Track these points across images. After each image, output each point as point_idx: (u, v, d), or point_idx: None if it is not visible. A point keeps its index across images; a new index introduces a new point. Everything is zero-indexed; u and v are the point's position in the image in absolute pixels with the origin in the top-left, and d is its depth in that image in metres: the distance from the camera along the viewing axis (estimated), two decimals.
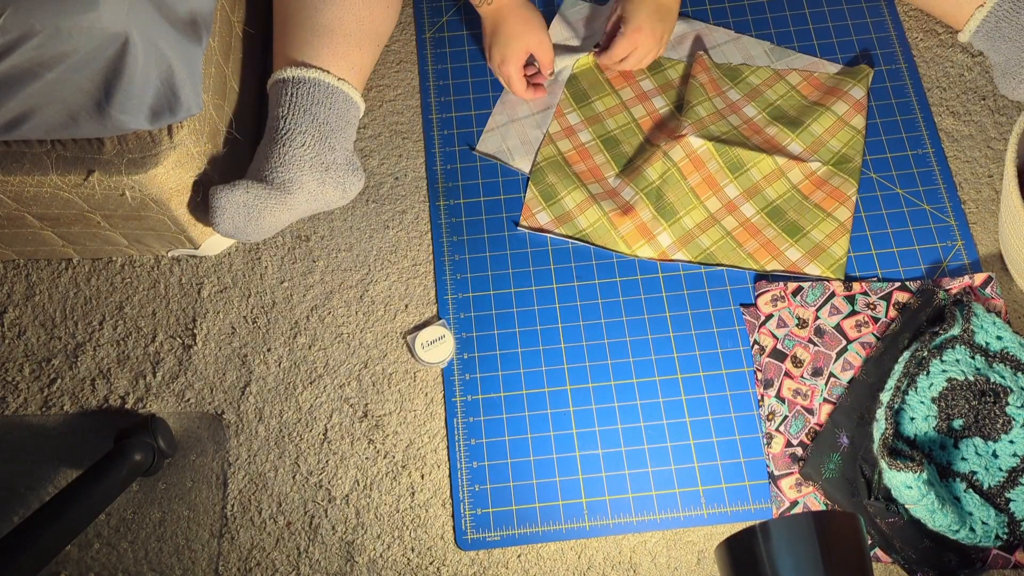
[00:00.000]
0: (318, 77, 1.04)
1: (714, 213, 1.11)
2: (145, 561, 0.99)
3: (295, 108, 1.03)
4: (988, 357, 0.98)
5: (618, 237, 1.10)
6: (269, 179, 1.01)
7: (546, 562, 0.98)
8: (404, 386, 1.06)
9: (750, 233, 1.10)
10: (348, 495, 1.01)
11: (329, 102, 1.05)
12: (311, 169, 1.02)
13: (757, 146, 1.13)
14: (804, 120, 1.15)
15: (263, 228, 1.02)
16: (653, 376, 1.05)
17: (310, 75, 1.04)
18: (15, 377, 1.07)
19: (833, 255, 1.08)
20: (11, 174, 0.94)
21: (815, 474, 0.98)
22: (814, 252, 1.08)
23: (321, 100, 1.05)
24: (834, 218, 1.10)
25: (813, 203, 1.11)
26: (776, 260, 1.08)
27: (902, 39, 1.22)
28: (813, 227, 1.10)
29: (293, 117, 1.03)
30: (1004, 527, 0.92)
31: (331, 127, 1.05)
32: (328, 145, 1.04)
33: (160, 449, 0.99)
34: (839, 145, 1.14)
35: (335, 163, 1.04)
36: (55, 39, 0.81)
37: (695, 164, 1.11)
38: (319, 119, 1.04)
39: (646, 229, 1.10)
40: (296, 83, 1.04)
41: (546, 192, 1.13)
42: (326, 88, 1.05)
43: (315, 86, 1.04)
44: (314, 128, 1.03)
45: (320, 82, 1.04)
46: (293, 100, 1.04)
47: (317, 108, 1.04)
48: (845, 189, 1.11)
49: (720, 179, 1.11)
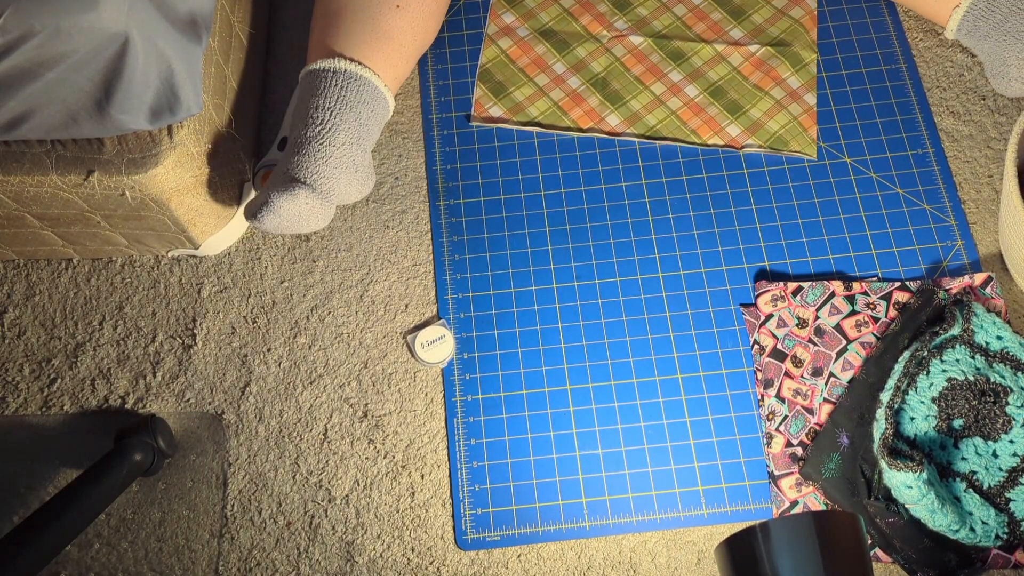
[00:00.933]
0: (370, 77, 1.04)
1: (659, 95, 1.19)
2: (145, 561, 0.99)
3: (342, 103, 1.02)
4: (988, 357, 0.98)
5: (568, 121, 1.18)
6: (316, 184, 0.99)
7: (546, 562, 0.98)
8: (404, 386, 1.06)
9: (693, 111, 1.18)
10: (348, 495, 1.01)
11: (374, 105, 1.04)
12: (347, 170, 1.01)
13: (699, 35, 1.22)
14: (747, 10, 1.24)
15: (298, 229, 1.01)
16: (653, 376, 1.05)
17: (363, 73, 1.03)
18: (15, 377, 1.07)
19: (769, 130, 1.17)
20: (11, 174, 0.94)
21: (815, 474, 0.98)
22: (752, 128, 1.17)
23: (367, 100, 1.04)
24: (771, 96, 1.18)
25: (752, 84, 1.19)
26: (718, 136, 1.17)
27: (902, 39, 1.22)
28: (752, 106, 1.18)
29: (339, 112, 1.01)
30: (1004, 527, 0.92)
31: (369, 130, 1.04)
32: (362, 147, 1.03)
33: (160, 449, 0.99)
34: (777, 32, 1.22)
35: (363, 165, 1.04)
36: (55, 39, 0.81)
37: (637, 58, 1.21)
38: (361, 119, 1.03)
39: (595, 114, 1.19)
40: (348, 77, 1.03)
41: (495, 88, 1.20)
42: (374, 91, 1.04)
43: (364, 85, 1.03)
44: (355, 128, 1.02)
45: (369, 83, 1.04)
46: (342, 95, 1.02)
47: (361, 107, 1.03)
48: (781, 71, 1.19)
49: (663, 67, 1.20)
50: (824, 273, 1.09)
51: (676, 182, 1.15)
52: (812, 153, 1.15)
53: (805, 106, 1.18)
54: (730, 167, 1.15)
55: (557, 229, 1.13)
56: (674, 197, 1.14)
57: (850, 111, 1.18)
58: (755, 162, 1.15)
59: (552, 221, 1.13)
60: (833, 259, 1.10)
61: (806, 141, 1.16)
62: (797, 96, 1.18)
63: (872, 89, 1.19)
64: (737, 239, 1.11)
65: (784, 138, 1.16)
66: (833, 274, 1.09)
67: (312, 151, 0.99)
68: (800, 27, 1.22)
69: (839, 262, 1.10)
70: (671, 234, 1.12)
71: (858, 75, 1.20)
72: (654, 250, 1.11)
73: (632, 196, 1.14)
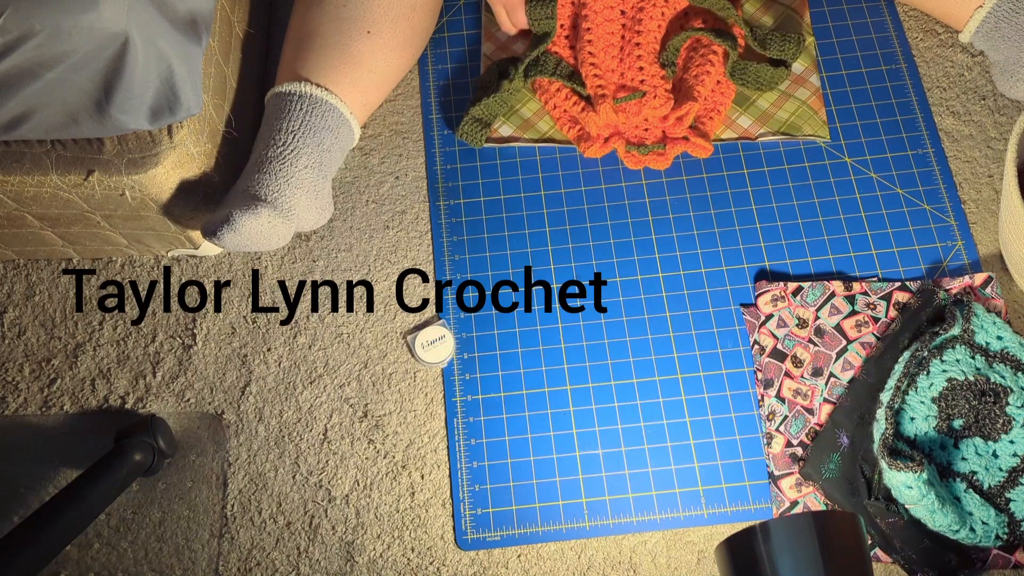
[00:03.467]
0: (335, 103, 1.04)
1: None
2: (145, 561, 0.99)
3: (305, 127, 1.02)
4: (988, 357, 0.98)
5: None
6: (276, 202, 0.98)
7: (546, 562, 0.98)
8: (404, 386, 1.06)
9: None
10: (348, 495, 1.01)
11: (337, 131, 1.05)
12: (307, 194, 1.01)
13: None
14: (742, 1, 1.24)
15: (258, 246, 1.01)
16: (653, 376, 1.05)
17: (329, 99, 1.03)
18: (15, 377, 1.07)
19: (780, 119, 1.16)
20: (11, 174, 0.94)
21: (815, 474, 0.98)
22: (763, 118, 1.16)
23: (331, 127, 1.04)
24: None
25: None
26: (730, 129, 1.16)
27: (902, 39, 1.22)
28: (759, 95, 1.18)
29: (303, 136, 1.01)
30: (1004, 527, 0.92)
31: (331, 156, 1.04)
32: (323, 172, 1.03)
33: (160, 449, 0.99)
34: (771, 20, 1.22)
35: (323, 192, 1.04)
36: (55, 39, 0.81)
37: None
38: (324, 145, 1.03)
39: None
40: (313, 102, 1.03)
41: None
42: (338, 117, 1.04)
43: (329, 111, 1.03)
44: (318, 153, 1.02)
45: (335, 109, 1.04)
46: (306, 119, 1.02)
47: (325, 133, 1.03)
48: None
49: None
50: (824, 273, 1.09)
51: (676, 182, 1.15)
52: (825, 135, 1.15)
53: (812, 88, 1.18)
54: (730, 167, 1.15)
55: (557, 229, 1.13)
56: (674, 197, 1.14)
57: (850, 111, 1.18)
58: (755, 162, 1.15)
59: (552, 221, 1.13)
60: (833, 259, 1.10)
61: (818, 123, 1.16)
62: (802, 80, 1.18)
63: (872, 89, 1.19)
64: (737, 239, 1.11)
65: (796, 123, 1.16)
66: (833, 274, 1.09)
67: (274, 170, 0.99)
68: (793, 12, 1.22)
69: (839, 262, 1.10)
70: (671, 234, 1.12)
71: (858, 75, 1.20)
72: (654, 250, 1.11)
73: (632, 196, 1.14)
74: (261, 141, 1.03)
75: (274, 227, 0.98)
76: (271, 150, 1.00)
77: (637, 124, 1.15)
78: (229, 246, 0.98)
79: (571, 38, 1.19)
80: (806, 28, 1.22)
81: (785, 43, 1.17)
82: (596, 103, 1.12)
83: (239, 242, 0.97)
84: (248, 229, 0.96)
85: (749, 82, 1.16)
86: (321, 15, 1.07)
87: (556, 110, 1.17)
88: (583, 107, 1.14)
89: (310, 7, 1.09)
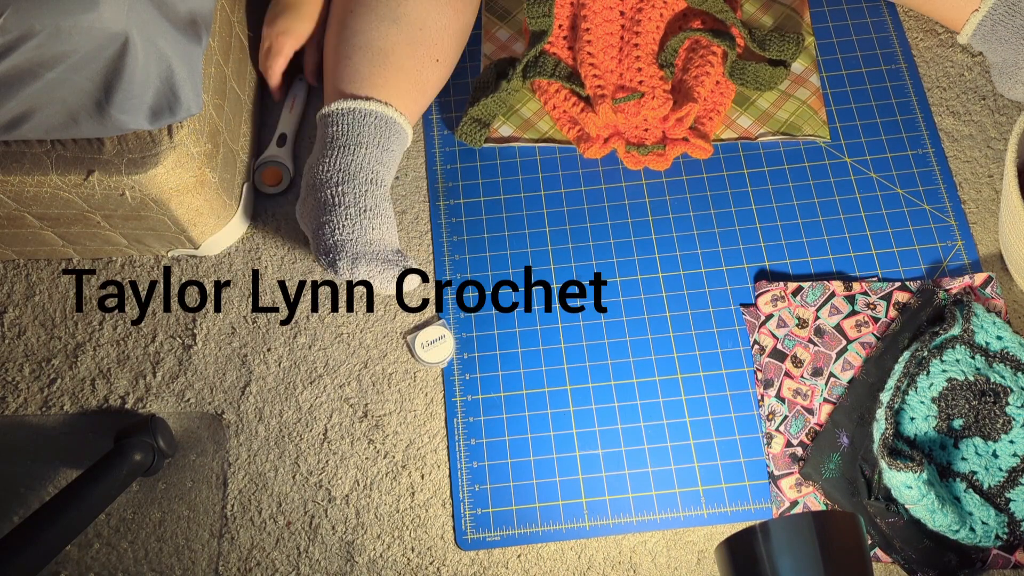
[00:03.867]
0: (408, 135, 1.07)
1: None
2: (145, 561, 0.99)
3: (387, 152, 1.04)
4: (988, 357, 0.98)
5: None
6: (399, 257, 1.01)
7: (546, 562, 0.98)
8: (404, 386, 1.06)
9: None
10: (348, 495, 1.01)
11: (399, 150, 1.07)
12: None
13: None
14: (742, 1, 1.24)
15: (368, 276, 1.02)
16: (653, 376, 1.05)
17: (407, 131, 1.06)
18: (15, 377, 1.07)
19: (780, 119, 1.16)
20: (11, 174, 0.94)
21: (815, 474, 0.98)
22: (763, 119, 1.16)
23: (397, 148, 1.06)
24: None
25: None
26: (730, 129, 1.17)
27: (902, 39, 1.22)
28: (759, 95, 1.18)
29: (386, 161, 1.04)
30: (1004, 527, 0.92)
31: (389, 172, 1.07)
32: None
33: (160, 449, 0.99)
34: (771, 20, 1.23)
35: None
36: (55, 39, 0.81)
37: None
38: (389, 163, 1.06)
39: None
40: (402, 139, 1.06)
41: None
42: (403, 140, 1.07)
43: (401, 135, 1.06)
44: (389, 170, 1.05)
45: (405, 140, 1.07)
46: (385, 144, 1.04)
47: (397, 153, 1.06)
48: None
49: None
50: (824, 273, 1.09)
51: (676, 182, 1.15)
52: (825, 135, 1.15)
53: (812, 88, 1.18)
54: (730, 167, 1.15)
55: (557, 229, 1.13)
56: (674, 197, 1.14)
57: (850, 111, 1.18)
58: (755, 162, 1.15)
59: (552, 221, 1.13)
60: (833, 259, 1.10)
61: (818, 123, 1.16)
62: (802, 80, 1.18)
63: (872, 89, 1.19)
64: (737, 239, 1.12)
65: (796, 123, 1.16)
66: (833, 274, 1.09)
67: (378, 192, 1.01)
68: (793, 12, 1.22)
69: (839, 262, 1.10)
70: (671, 234, 1.12)
71: (858, 75, 1.20)
72: (654, 250, 1.11)
73: (632, 196, 1.14)
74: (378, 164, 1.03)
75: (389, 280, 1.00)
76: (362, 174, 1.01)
77: (637, 125, 1.15)
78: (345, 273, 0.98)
79: (570, 39, 1.19)
80: (806, 28, 1.22)
81: (784, 43, 1.17)
82: (595, 104, 1.12)
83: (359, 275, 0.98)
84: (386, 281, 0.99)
85: (748, 82, 1.16)
86: (397, 34, 1.05)
87: (555, 110, 1.17)
88: (582, 108, 1.14)
89: (383, 21, 1.05)
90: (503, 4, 1.26)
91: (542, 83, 1.17)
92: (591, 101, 1.14)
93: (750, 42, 1.16)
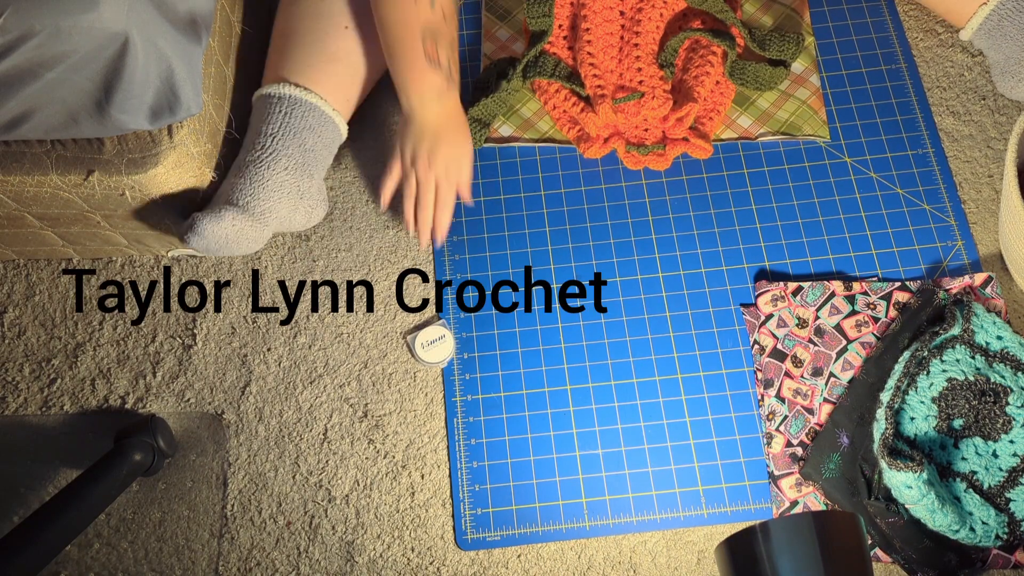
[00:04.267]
0: (315, 102, 1.03)
1: None
2: (145, 561, 0.99)
3: (285, 129, 1.02)
4: (988, 357, 0.98)
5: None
6: (248, 207, 0.99)
7: (546, 562, 0.98)
8: (404, 386, 1.06)
9: None
10: (348, 495, 1.01)
11: (320, 130, 1.05)
12: (288, 196, 1.02)
13: None
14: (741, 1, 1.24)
15: (232, 250, 1.01)
16: (653, 376, 1.05)
17: (308, 98, 1.03)
18: (15, 377, 1.07)
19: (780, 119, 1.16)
20: (11, 174, 0.94)
21: (815, 474, 0.98)
22: (763, 119, 1.16)
23: (313, 126, 1.04)
24: None
25: None
26: (730, 128, 1.16)
27: (902, 39, 1.22)
28: (759, 95, 1.18)
29: (282, 138, 1.02)
30: (1004, 527, 0.92)
31: (315, 155, 1.04)
32: (307, 172, 1.03)
33: (160, 449, 0.99)
34: (771, 20, 1.22)
35: (309, 191, 1.04)
36: (55, 39, 0.81)
37: None
38: (306, 145, 1.03)
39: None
40: (292, 103, 1.03)
41: None
42: (320, 115, 1.04)
43: (310, 111, 1.03)
44: (299, 153, 1.02)
45: (316, 108, 1.04)
46: (285, 120, 1.02)
47: (307, 133, 1.03)
48: None
49: None
50: (824, 273, 1.09)
51: (676, 182, 1.15)
52: (825, 135, 1.15)
53: (812, 88, 1.18)
54: (730, 167, 1.15)
55: (557, 229, 1.13)
56: (674, 197, 1.14)
57: (850, 111, 1.18)
58: (755, 162, 1.15)
59: (552, 221, 1.13)
60: (833, 259, 1.10)
61: (818, 123, 1.16)
62: (802, 80, 1.18)
63: (872, 89, 1.19)
64: (737, 239, 1.12)
65: (796, 123, 1.16)
66: (833, 274, 1.09)
67: (249, 174, 1.00)
68: (793, 12, 1.22)
69: (839, 262, 1.10)
70: (671, 234, 1.12)
71: (858, 75, 1.20)
72: (654, 250, 1.11)
73: (632, 196, 1.14)
74: (244, 145, 1.03)
75: (242, 231, 0.98)
76: (250, 154, 1.01)
77: (637, 124, 1.15)
78: (200, 250, 0.99)
79: (570, 39, 1.19)
80: (806, 28, 1.22)
81: (784, 43, 1.17)
82: (595, 103, 1.12)
83: (206, 246, 0.98)
84: (212, 233, 0.97)
85: (748, 82, 1.16)
86: (299, 12, 1.07)
87: (556, 111, 1.17)
88: (582, 108, 1.14)
89: (289, 5, 1.09)
90: (503, 4, 1.26)
91: (542, 83, 1.17)
92: (591, 101, 1.14)
93: (750, 42, 1.16)
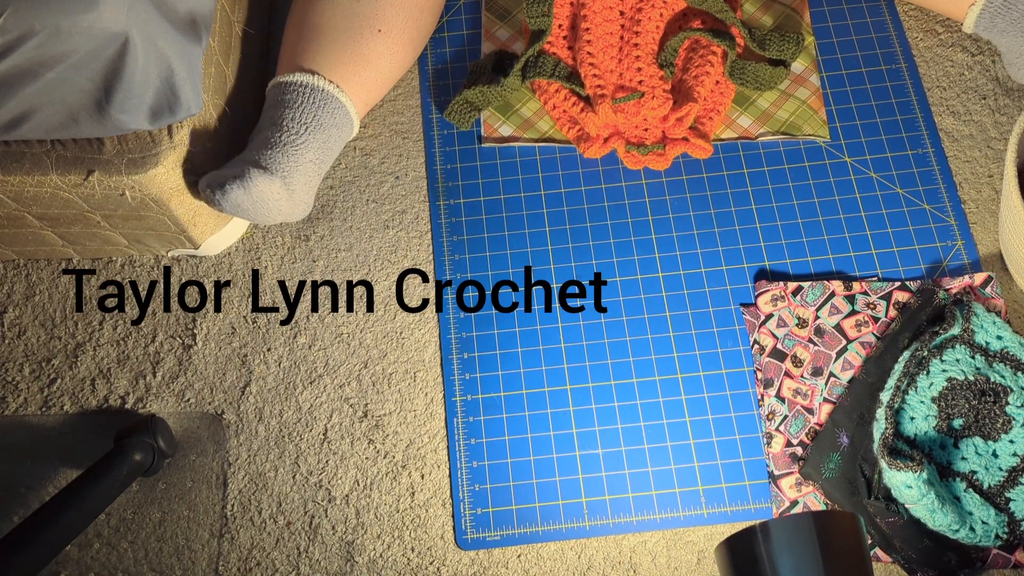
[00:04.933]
0: (345, 104, 1.05)
1: None
2: (145, 561, 0.99)
3: (317, 123, 1.02)
4: (988, 357, 0.98)
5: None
6: (284, 179, 0.99)
7: (546, 562, 0.98)
8: (404, 386, 1.06)
9: None
10: (348, 495, 1.01)
11: (342, 130, 1.06)
12: (304, 184, 1.02)
13: None
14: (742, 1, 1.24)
15: (255, 216, 1.01)
16: (653, 376, 1.05)
17: (341, 98, 1.04)
18: (15, 377, 1.07)
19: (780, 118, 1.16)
20: (11, 174, 0.94)
21: (815, 474, 0.98)
22: (763, 118, 1.16)
23: (337, 124, 1.04)
24: None
25: None
26: (730, 128, 1.16)
27: (902, 39, 1.22)
28: (759, 95, 1.18)
29: (313, 131, 1.02)
30: (1004, 527, 0.92)
31: (331, 153, 1.06)
32: (321, 169, 1.04)
33: (160, 449, 0.99)
34: (771, 21, 1.22)
35: (315, 186, 1.05)
36: (55, 39, 0.81)
37: None
38: (329, 142, 1.04)
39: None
40: (325, 98, 1.03)
41: (502, 107, 1.18)
42: (345, 117, 1.05)
43: (339, 110, 1.04)
44: (322, 149, 1.03)
45: (344, 109, 1.05)
46: (318, 114, 1.02)
47: (332, 131, 1.04)
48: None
49: None
50: (824, 273, 1.09)
51: (676, 182, 1.15)
52: (825, 134, 1.15)
53: (812, 88, 1.18)
54: (730, 167, 1.15)
55: (557, 229, 1.13)
56: (674, 197, 1.14)
57: (850, 111, 1.18)
58: (755, 161, 1.15)
59: (552, 221, 1.13)
60: (833, 259, 1.10)
61: (818, 123, 1.16)
62: (802, 80, 1.18)
63: (872, 89, 1.19)
64: (737, 239, 1.12)
65: (796, 123, 1.16)
66: (833, 274, 1.09)
67: (287, 152, 1.00)
68: (793, 12, 1.22)
69: (839, 262, 1.10)
70: (671, 234, 1.12)
71: (858, 75, 1.20)
72: (654, 250, 1.11)
73: (632, 196, 1.14)
74: (272, 125, 1.02)
75: (279, 200, 0.99)
76: (283, 135, 1.01)
77: (636, 124, 1.15)
78: (229, 205, 0.98)
79: (569, 39, 1.19)
80: (806, 28, 1.22)
81: (784, 43, 1.17)
82: (595, 103, 1.12)
83: (242, 202, 0.97)
84: (258, 191, 0.96)
85: (748, 82, 1.16)
86: (332, 8, 1.07)
87: (555, 110, 1.17)
88: (582, 107, 1.14)
89: None
90: (503, 4, 1.26)
91: (542, 83, 1.17)
92: (591, 101, 1.14)
93: (750, 42, 1.16)
